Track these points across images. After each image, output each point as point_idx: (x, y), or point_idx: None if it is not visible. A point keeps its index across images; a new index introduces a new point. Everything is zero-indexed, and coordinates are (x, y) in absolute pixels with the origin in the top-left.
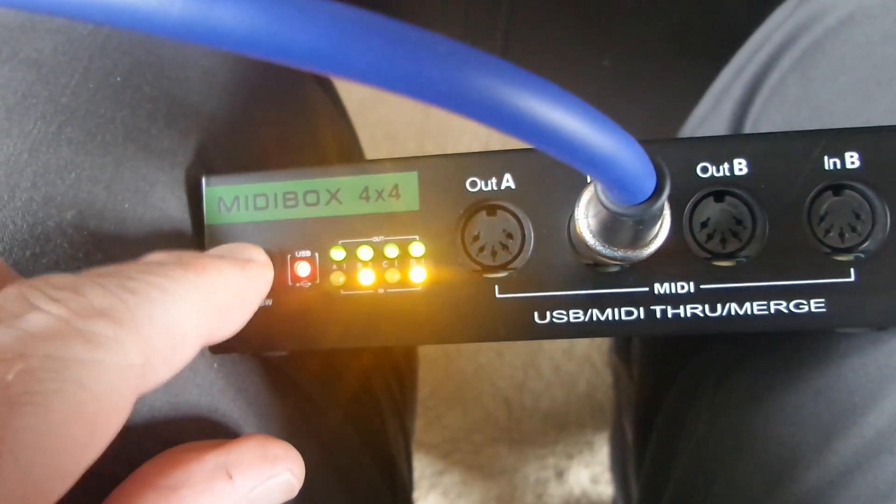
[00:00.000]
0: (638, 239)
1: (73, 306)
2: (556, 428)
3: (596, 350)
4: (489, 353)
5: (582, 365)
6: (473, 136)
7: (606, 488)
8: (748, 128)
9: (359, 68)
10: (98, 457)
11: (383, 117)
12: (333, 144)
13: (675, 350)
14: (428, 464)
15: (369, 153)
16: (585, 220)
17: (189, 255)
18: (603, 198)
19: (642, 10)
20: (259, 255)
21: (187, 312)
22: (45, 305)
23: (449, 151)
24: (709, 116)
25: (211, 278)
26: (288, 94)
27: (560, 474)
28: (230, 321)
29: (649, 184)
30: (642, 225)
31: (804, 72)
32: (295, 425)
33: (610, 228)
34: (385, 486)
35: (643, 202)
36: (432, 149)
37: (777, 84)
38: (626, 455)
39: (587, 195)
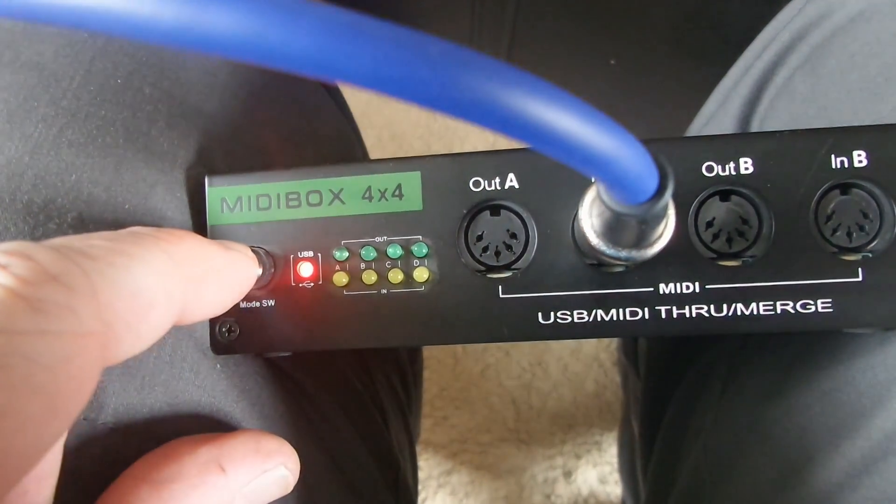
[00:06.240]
0: (642, 239)
1: (21, 273)
2: (564, 428)
3: (604, 349)
4: (497, 352)
5: (590, 364)
6: (480, 136)
7: (615, 488)
8: (755, 126)
9: (349, 72)
10: (67, 428)
11: (389, 118)
12: (336, 145)
13: (681, 349)
14: (436, 464)
15: (375, 154)
16: (589, 219)
17: (169, 228)
18: (605, 197)
19: (647, 10)
20: (245, 250)
21: (155, 278)
22: None
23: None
24: (716, 115)
25: (187, 248)
26: (290, 95)
27: (568, 474)
28: (207, 298)
29: (651, 183)
30: (646, 224)
31: (812, 70)
32: (297, 426)
33: (614, 228)
34: (387, 486)
35: (646, 201)
36: (439, 149)
37: (785, 82)
38: (635, 454)
39: (591, 195)
